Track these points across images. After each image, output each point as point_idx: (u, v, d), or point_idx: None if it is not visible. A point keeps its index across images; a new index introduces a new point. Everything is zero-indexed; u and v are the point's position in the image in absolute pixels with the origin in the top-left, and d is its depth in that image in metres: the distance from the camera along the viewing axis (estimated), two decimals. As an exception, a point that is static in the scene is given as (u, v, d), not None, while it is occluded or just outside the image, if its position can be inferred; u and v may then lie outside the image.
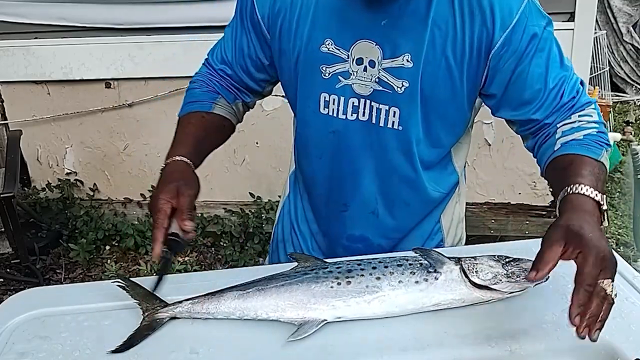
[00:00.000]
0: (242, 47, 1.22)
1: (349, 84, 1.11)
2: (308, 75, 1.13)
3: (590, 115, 1.06)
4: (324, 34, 1.10)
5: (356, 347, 0.92)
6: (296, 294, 0.99)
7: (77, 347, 0.96)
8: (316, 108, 1.15)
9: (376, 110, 1.11)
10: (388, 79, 1.08)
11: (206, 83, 1.26)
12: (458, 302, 0.99)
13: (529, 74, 1.05)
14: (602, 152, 1.02)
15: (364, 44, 1.08)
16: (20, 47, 3.10)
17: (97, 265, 3.23)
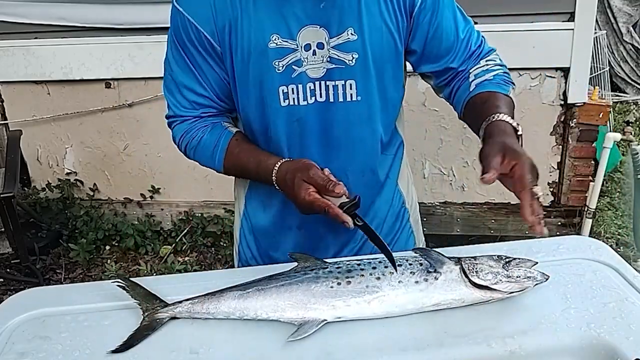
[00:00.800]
0: (206, 76, 1.20)
1: (303, 70, 1.16)
2: (263, 74, 1.16)
3: (494, 60, 1.24)
4: (269, 30, 1.13)
5: (356, 347, 0.92)
6: (296, 294, 0.99)
7: (77, 347, 0.96)
8: (277, 103, 1.18)
9: (332, 87, 1.17)
10: (339, 56, 1.15)
11: (203, 126, 1.24)
12: (458, 302, 0.99)
13: (444, 27, 1.20)
14: (509, 88, 1.19)
15: (309, 29, 1.13)
16: (20, 47, 3.10)
17: (97, 265, 3.23)
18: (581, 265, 1.12)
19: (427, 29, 1.18)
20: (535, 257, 1.11)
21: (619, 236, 3.35)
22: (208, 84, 1.21)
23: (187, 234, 3.35)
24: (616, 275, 1.08)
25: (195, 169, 3.34)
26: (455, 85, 1.24)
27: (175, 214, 3.42)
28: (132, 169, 3.38)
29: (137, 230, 3.32)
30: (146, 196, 3.41)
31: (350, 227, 1.04)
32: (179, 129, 1.28)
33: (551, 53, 2.80)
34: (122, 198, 3.44)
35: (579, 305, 1.00)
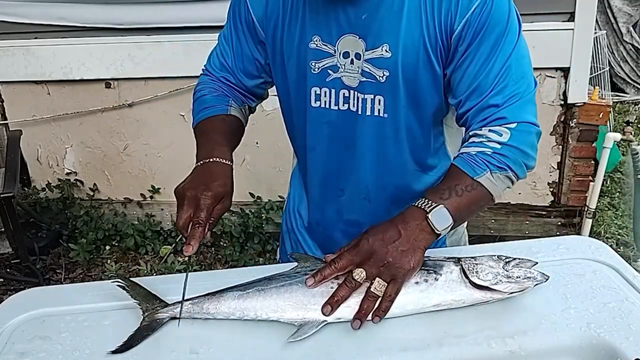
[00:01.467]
0: (241, 51, 1.26)
1: (338, 77, 1.16)
2: (299, 72, 1.18)
3: (500, 133, 1.06)
4: (312, 32, 1.15)
5: (356, 347, 0.92)
6: (296, 294, 0.99)
7: (77, 347, 0.96)
8: (307, 102, 1.19)
9: (362, 100, 1.16)
10: (370, 70, 1.13)
11: (214, 89, 1.29)
12: (458, 303, 0.99)
13: (471, 63, 1.07)
14: (485, 172, 1.05)
15: (349, 38, 1.13)
16: (20, 47, 3.10)
17: (97, 265, 3.23)
18: (581, 265, 1.12)
19: (459, 58, 1.08)
20: (535, 257, 1.11)
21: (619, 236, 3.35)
22: (239, 60, 1.27)
23: (187, 234, 3.34)
24: (616, 275, 1.08)
25: (195, 169, 3.35)
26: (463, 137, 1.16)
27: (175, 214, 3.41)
28: (132, 169, 3.38)
29: (137, 230, 3.32)
30: (146, 196, 3.41)
31: (187, 253, 1.01)
32: (201, 79, 1.35)
33: (551, 53, 2.80)
34: (122, 198, 3.44)
35: (578, 305, 1.00)
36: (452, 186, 1.04)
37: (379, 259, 0.97)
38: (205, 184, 1.06)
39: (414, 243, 0.99)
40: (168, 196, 3.41)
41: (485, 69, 1.06)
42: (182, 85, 3.08)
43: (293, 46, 1.17)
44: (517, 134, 1.06)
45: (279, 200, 3.28)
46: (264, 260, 3.20)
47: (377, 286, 0.96)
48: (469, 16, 1.05)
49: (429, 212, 1.00)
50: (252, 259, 3.20)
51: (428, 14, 1.07)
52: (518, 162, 1.06)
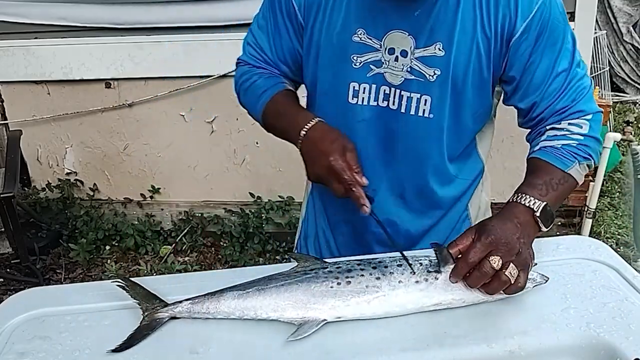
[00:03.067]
0: (280, 42, 1.22)
1: (380, 72, 1.13)
2: (338, 65, 1.15)
3: (580, 125, 1.11)
4: (357, 24, 1.12)
5: (356, 347, 0.92)
6: (296, 293, 0.99)
7: (77, 347, 0.96)
8: (345, 98, 1.16)
9: (407, 99, 1.13)
10: (420, 68, 1.11)
11: (261, 73, 1.25)
12: (458, 302, 0.99)
13: (539, 65, 1.10)
14: (574, 164, 1.09)
15: (397, 34, 1.10)
16: (20, 47, 3.10)
17: (97, 265, 3.23)
18: (581, 265, 1.12)
19: (525, 62, 1.10)
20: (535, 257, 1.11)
21: (619, 236, 3.35)
22: (279, 49, 1.23)
23: (187, 234, 3.35)
24: (616, 275, 1.08)
25: (195, 169, 3.35)
26: (533, 134, 1.18)
27: (175, 214, 3.42)
28: (132, 169, 3.38)
29: (137, 230, 3.32)
30: (146, 196, 3.41)
31: (367, 213, 1.03)
32: (241, 70, 1.29)
33: (551, 53, 2.79)
34: (122, 198, 3.44)
35: (578, 305, 1.00)
36: (547, 181, 1.06)
37: (512, 248, 0.96)
38: (335, 142, 1.06)
39: (528, 238, 1.01)
40: (168, 196, 3.41)
41: (554, 68, 1.10)
42: (182, 85, 3.08)
43: (333, 38, 1.14)
44: (594, 124, 1.12)
45: (279, 200, 3.28)
46: (264, 260, 3.20)
47: (511, 271, 0.94)
48: (529, 20, 1.06)
49: (536, 211, 1.02)
50: (252, 259, 3.19)
51: (484, 16, 1.07)
52: (596, 150, 1.13)
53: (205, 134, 3.19)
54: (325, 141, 1.07)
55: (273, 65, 1.25)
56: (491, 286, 0.96)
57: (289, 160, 3.06)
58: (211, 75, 3.01)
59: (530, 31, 1.07)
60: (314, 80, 1.21)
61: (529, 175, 1.10)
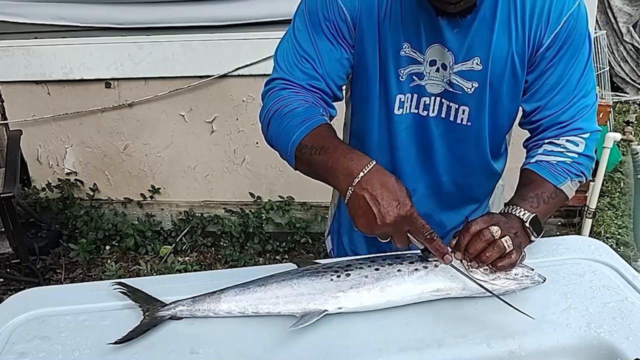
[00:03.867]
0: (332, 55, 1.16)
1: (422, 84, 1.18)
2: (388, 79, 1.18)
3: (577, 143, 1.17)
4: (403, 39, 1.15)
5: (356, 347, 0.92)
6: (296, 287, 0.99)
7: (77, 347, 0.96)
8: (392, 110, 1.20)
9: (446, 107, 1.19)
10: (458, 82, 1.16)
11: (304, 100, 1.14)
12: (458, 290, 1.00)
13: (552, 73, 1.15)
14: (566, 180, 1.15)
15: (437, 48, 1.14)
16: (20, 47, 3.10)
17: (97, 265, 3.23)
18: (581, 265, 1.12)
19: (543, 68, 1.15)
20: (535, 256, 1.11)
21: (619, 236, 3.35)
22: (328, 64, 1.16)
23: (187, 234, 3.35)
24: (616, 275, 1.08)
25: (195, 169, 3.35)
26: (531, 142, 1.22)
27: (175, 214, 3.42)
28: (132, 169, 3.38)
29: (137, 230, 3.32)
30: (146, 196, 3.41)
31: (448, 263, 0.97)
32: (277, 95, 1.15)
33: (551, 53, 2.80)
34: (122, 198, 3.44)
35: (579, 305, 1.00)
36: (539, 194, 1.12)
37: (511, 227, 1.03)
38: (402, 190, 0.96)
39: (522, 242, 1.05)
40: (168, 196, 3.41)
41: (565, 79, 1.15)
42: (182, 85, 3.08)
43: (386, 51, 1.16)
44: (590, 143, 1.18)
45: (279, 200, 3.28)
46: (264, 260, 3.20)
47: (507, 242, 0.99)
48: (557, 30, 1.11)
49: (525, 221, 1.06)
50: (252, 259, 3.20)
51: (518, 26, 1.12)
52: (589, 167, 1.19)
53: (205, 134, 3.19)
54: (394, 189, 0.94)
55: (322, 81, 1.16)
56: (487, 254, 0.99)
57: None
58: (211, 75, 3.01)
59: (555, 42, 1.12)
60: (362, 92, 1.23)
61: (522, 188, 1.15)
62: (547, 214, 1.13)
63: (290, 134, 1.08)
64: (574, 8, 1.11)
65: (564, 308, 0.99)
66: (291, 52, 1.17)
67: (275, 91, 1.16)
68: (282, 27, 2.82)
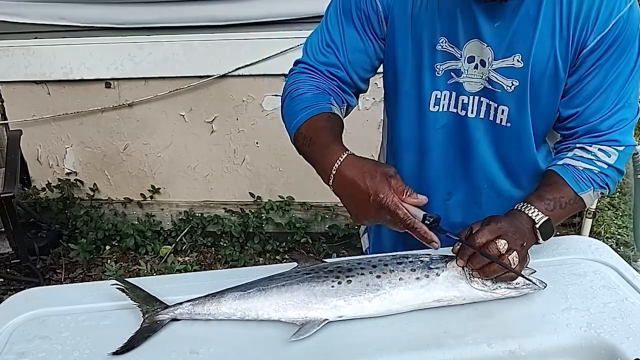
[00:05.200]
0: (357, 45, 1.17)
1: (460, 81, 1.14)
2: (423, 73, 1.15)
3: (609, 154, 1.11)
4: (440, 32, 1.11)
5: (356, 347, 0.92)
6: (297, 293, 0.99)
7: (77, 347, 0.96)
8: (426, 106, 1.17)
9: (485, 105, 1.14)
10: (498, 79, 1.12)
11: (315, 86, 1.16)
12: (459, 299, 0.99)
13: (594, 77, 1.09)
14: (589, 189, 1.10)
15: (476, 43, 1.10)
16: (20, 47, 3.10)
17: (97, 265, 3.23)
18: (581, 265, 1.12)
19: (585, 71, 1.09)
20: (535, 257, 1.11)
21: (619, 236, 3.35)
22: (352, 53, 1.17)
23: (187, 234, 3.35)
24: (616, 275, 1.08)
25: (195, 169, 3.35)
26: (561, 145, 1.17)
27: (175, 214, 3.42)
28: (132, 169, 3.38)
29: (137, 230, 3.32)
30: (146, 196, 3.41)
31: (437, 248, 0.95)
32: (295, 77, 1.19)
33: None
34: (122, 198, 3.44)
35: (579, 305, 1.00)
36: (557, 198, 1.07)
37: (519, 237, 0.98)
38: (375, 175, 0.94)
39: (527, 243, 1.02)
40: (168, 196, 3.41)
41: (606, 85, 1.09)
42: (182, 85, 3.07)
43: (422, 44, 1.13)
44: (623, 157, 1.12)
45: (279, 200, 3.28)
46: (264, 260, 3.20)
47: (513, 258, 0.96)
48: (605, 33, 1.05)
49: (537, 223, 1.03)
50: (252, 259, 3.19)
51: (563, 25, 1.07)
52: (615, 181, 1.14)
53: (205, 134, 3.19)
54: (365, 177, 0.94)
55: (343, 69, 1.18)
56: (490, 268, 0.96)
57: (289, 160, 3.06)
58: (211, 75, 3.01)
59: (600, 45, 1.07)
60: (395, 87, 1.20)
61: (542, 187, 1.10)
62: (560, 220, 1.09)
63: (293, 119, 1.12)
64: (624, 10, 1.05)
65: (564, 308, 0.99)
66: (319, 38, 1.19)
67: (295, 73, 1.20)
68: (282, 27, 2.83)
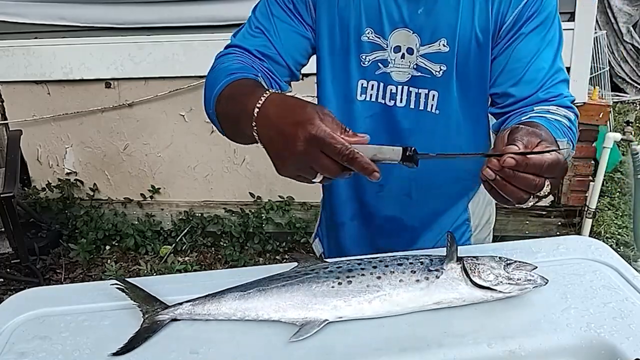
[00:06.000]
0: (288, 28, 1.15)
1: (387, 71, 1.15)
2: (349, 63, 1.16)
3: (568, 116, 1.06)
4: (366, 23, 1.13)
5: (356, 347, 0.92)
6: (297, 294, 0.99)
7: (77, 347, 0.96)
8: (353, 95, 1.17)
9: (415, 94, 1.15)
10: (426, 65, 1.12)
11: (240, 60, 1.09)
12: (459, 301, 0.99)
13: (521, 50, 1.08)
14: (564, 140, 0.99)
15: (402, 32, 1.12)
16: (20, 47, 3.10)
17: (97, 265, 3.23)
18: (581, 265, 1.12)
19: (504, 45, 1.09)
20: (535, 256, 1.11)
21: (619, 236, 3.35)
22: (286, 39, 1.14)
23: (187, 234, 3.35)
24: (616, 275, 1.08)
25: (195, 169, 3.35)
26: (511, 116, 1.08)
27: (175, 214, 3.42)
28: (132, 169, 3.38)
29: (137, 230, 3.32)
30: (146, 196, 3.41)
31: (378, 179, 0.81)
32: (223, 58, 1.11)
33: (551, 53, 2.80)
34: (122, 198, 3.44)
35: (579, 305, 1.00)
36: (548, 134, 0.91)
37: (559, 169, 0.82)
38: (305, 108, 0.81)
39: None
40: (168, 196, 3.41)
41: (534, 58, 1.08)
42: (182, 85, 3.08)
43: (348, 35, 1.14)
44: (574, 118, 1.08)
45: (279, 200, 3.28)
46: (264, 260, 3.20)
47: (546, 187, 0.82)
48: (521, 7, 1.07)
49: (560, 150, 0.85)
50: (252, 259, 3.20)
51: (482, 5, 1.08)
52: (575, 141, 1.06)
53: (205, 134, 3.19)
54: (294, 110, 0.81)
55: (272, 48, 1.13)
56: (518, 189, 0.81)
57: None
58: (211, 75, 3.01)
59: (517, 18, 1.07)
60: (322, 75, 1.21)
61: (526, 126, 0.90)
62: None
63: (213, 88, 1.00)
64: None
65: (564, 308, 0.99)
66: (247, 26, 1.16)
67: (222, 56, 1.12)
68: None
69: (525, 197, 0.82)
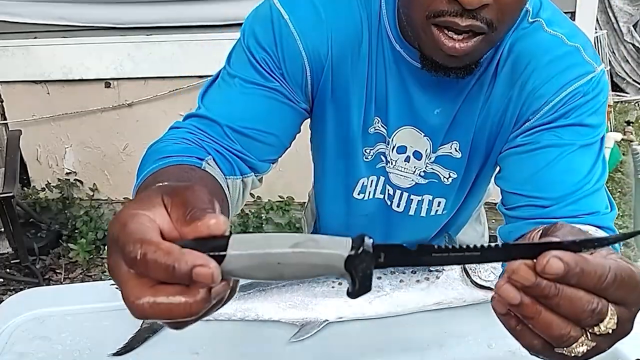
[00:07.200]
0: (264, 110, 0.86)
1: (386, 170, 0.97)
2: (350, 157, 0.95)
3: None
4: (375, 112, 0.90)
5: (356, 347, 0.92)
6: (297, 294, 0.99)
7: (77, 347, 0.95)
8: (350, 192, 1.01)
9: (417, 202, 0.99)
10: (435, 169, 0.95)
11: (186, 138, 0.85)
12: (459, 302, 0.99)
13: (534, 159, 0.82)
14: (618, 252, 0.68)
15: (411, 131, 0.90)
16: (20, 47, 3.10)
17: (97, 265, 3.23)
18: (582, 265, 1.12)
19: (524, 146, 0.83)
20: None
21: (619, 236, 3.34)
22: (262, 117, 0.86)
23: (187, 234, 3.35)
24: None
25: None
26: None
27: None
28: (132, 169, 3.35)
29: (137, 230, 3.32)
30: (146, 196, 3.41)
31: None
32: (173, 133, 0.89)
33: (551, 53, 2.79)
34: (122, 198, 3.44)
35: (579, 305, 0.99)
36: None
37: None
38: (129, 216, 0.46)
39: None
40: (168, 196, 3.41)
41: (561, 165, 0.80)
42: (181, 85, 3.07)
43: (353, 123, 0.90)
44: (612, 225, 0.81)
45: (279, 200, 3.28)
46: (263, 260, 3.20)
47: (607, 325, 0.51)
48: (554, 103, 0.81)
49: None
50: (252, 259, 3.19)
51: (502, 110, 0.86)
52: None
53: (205, 134, 3.19)
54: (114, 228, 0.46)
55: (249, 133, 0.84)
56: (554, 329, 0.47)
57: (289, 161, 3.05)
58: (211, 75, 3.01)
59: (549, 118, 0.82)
60: (321, 170, 1.04)
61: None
62: None
63: (139, 175, 0.82)
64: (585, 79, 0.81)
65: (565, 308, 0.99)
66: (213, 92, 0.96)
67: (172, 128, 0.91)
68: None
69: (574, 335, 0.48)
